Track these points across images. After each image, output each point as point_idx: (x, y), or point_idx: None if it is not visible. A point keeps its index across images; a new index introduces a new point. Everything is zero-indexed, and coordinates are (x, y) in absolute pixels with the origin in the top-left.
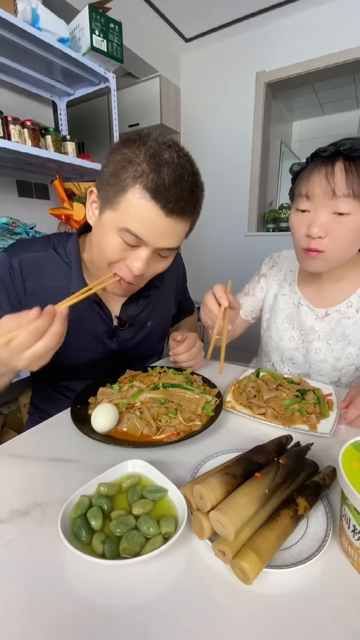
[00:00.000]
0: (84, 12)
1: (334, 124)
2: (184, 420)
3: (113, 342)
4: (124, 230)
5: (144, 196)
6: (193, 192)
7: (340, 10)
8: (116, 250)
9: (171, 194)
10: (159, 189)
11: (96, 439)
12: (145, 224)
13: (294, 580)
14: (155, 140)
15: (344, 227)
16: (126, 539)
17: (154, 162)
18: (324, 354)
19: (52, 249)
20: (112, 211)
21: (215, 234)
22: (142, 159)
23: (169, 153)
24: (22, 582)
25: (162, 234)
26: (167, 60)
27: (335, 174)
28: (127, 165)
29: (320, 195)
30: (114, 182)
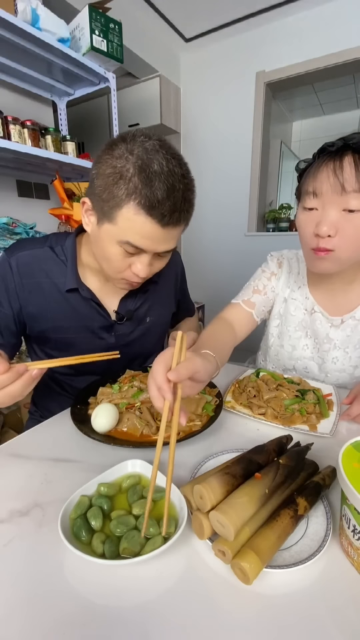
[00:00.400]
0: (84, 12)
1: (334, 124)
2: None
3: (111, 337)
4: (125, 243)
5: (139, 212)
6: (186, 199)
7: (340, 10)
8: (120, 259)
9: (165, 208)
10: (152, 204)
11: (96, 439)
12: (144, 236)
13: (294, 580)
14: (142, 146)
15: (354, 224)
16: (126, 539)
17: (144, 176)
18: (341, 363)
19: (48, 247)
20: (110, 224)
21: (215, 234)
22: (132, 172)
23: (157, 161)
24: (22, 582)
25: (160, 241)
26: (167, 60)
27: (344, 169)
28: (119, 181)
29: (329, 191)
30: (108, 198)
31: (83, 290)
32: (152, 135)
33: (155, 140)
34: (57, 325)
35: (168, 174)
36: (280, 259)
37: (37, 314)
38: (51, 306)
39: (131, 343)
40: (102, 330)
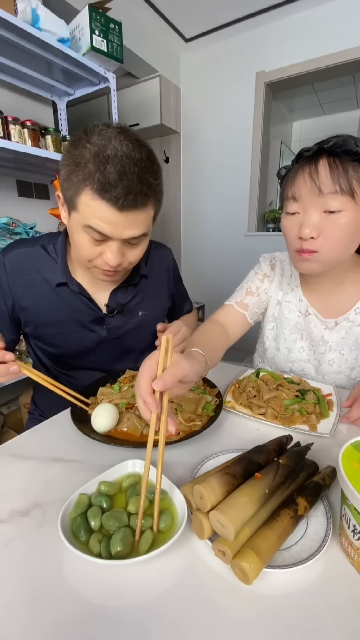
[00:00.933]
0: (84, 12)
1: (334, 124)
2: (184, 420)
3: (102, 329)
4: (88, 228)
5: (95, 196)
6: (142, 181)
7: (340, 10)
8: (88, 246)
9: (119, 191)
10: (105, 187)
11: (96, 439)
12: (103, 221)
13: (294, 580)
14: (99, 134)
15: (336, 225)
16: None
17: (97, 161)
18: (338, 365)
19: (40, 246)
20: (75, 212)
21: (215, 234)
22: (87, 159)
23: (112, 145)
24: (22, 582)
25: (122, 227)
26: (167, 60)
27: (319, 172)
28: (75, 168)
29: (307, 195)
30: (69, 186)
31: (72, 284)
32: (112, 124)
33: (114, 128)
34: (50, 320)
35: (122, 157)
36: (272, 260)
37: (30, 309)
38: (43, 301)
39: (123, 336)
40: (93, 323)
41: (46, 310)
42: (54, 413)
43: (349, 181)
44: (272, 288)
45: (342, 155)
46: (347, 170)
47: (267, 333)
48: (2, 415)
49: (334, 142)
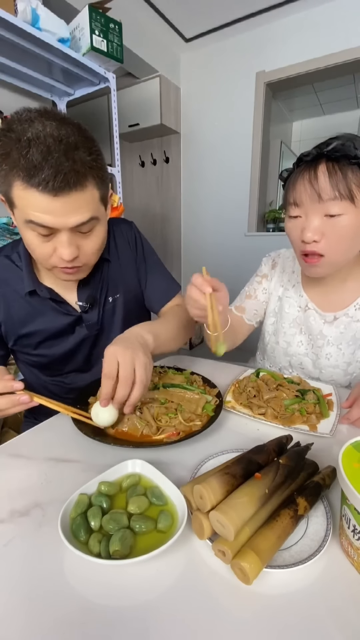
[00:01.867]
0: (84, 12)
1: (334, 124)
2: (184, 420)
3: (82, 328)
4: (29, 223)
5: (24, 185)
6: (72, 158)
7: (340, 10)
8: (38, 244)
9: (45, 173)
10: (30, 173)
11: (96, 439)
12: (42, 211)
13: (294, 580)
14: (19, 120)
15: (338, 228)
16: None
17: (19, 146)
18: (335, 359)
19: (4, 257)
20: (15, 209)
21: (215, 234)
22: (11, 147)
23: (34, 128)
24: (22, 582)
25: (63, 214)
26: (167, 60)
27: (318, 178)
28: (2, 162)
29: (308, 201)
30: (1, 182)
31: (41, 290)
32: (33, 109)
33: (35, 111)
34: (29, 331)
35: (44, 137)
36: (276, 259)
37: (6, 323)
38: (17, 313)
39: (103, 327)
40: (72, 325)
41: (22, 322)
42: (47, 416)
43: (348, 186)
44: (271, 285)
45: (341, 159)
46: (346, 174)
47: (268, 328)
48: None
49: (333, 145)
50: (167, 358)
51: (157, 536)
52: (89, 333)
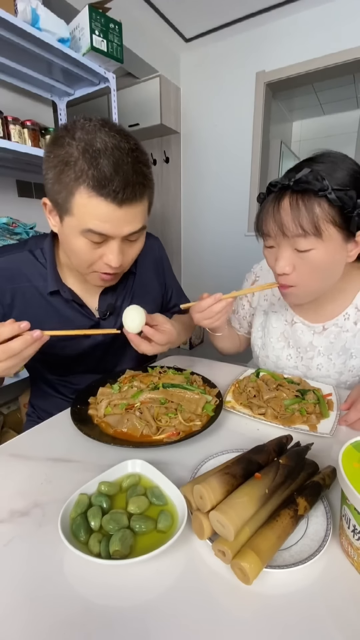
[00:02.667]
0: (84, 12)
1: (334, 124)
2: (184, 420)
3: (98, 335)
4: (87, 231)
5: (91, 194)
6: (137, 172)
7: (340, 10)
8: (87, 251)
9: (116, 184)
10: (102, 183)
11: (96, 439)
12: (103, 220)
13: (294, 580)
14: (83, 129)
15: (308, 262)
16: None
17: (88, 156)
18: (326, 370)
19: (27, 251)
20: (69, 217)
21: (215, 234)
22: (77, 156)
23: (100, 138)
24: (22, 582)
25: (122, 223)
26: (167, 60)
27: (281, 214)
28: (65, 168)
29: (276, 234)
30: (60, 189)
31: (64, 291)
32: (93, 118)
33: (96, 121)
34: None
35: (113, 149)
36: (258, 272)
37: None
38: (35, 310)
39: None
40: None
41: (39, 320)
42: (51, 415)
43: (312, 222)
44: (254, 300)
45: (307, 191)
46: (312, 209)
47: (257, 341)
48: (2, 415)
49: (299, 177)
50: (167, 358)
51: (157, 536)
52: (103, 340)
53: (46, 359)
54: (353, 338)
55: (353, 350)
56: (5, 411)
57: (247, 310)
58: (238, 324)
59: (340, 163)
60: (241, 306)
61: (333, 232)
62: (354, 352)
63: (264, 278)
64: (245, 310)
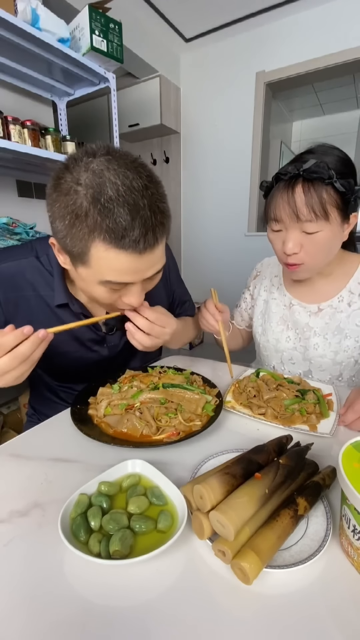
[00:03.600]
0: (84, 12)
1: (334, 124)
2: (184, 420)
3: (104, 349)
4: (106, 283)
5: (109, 248)
6: (155, 212)
7: (340, 10)
8: (108, 296)
9: (135, 234)
10: (119, 235)
11: (96, 439)
12: (123, 271)
13: (294, 580)
14: (87, 170)
15: (315, 242)
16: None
17: (100, 207)
18: (322, 349)
19: (34, 257)
20: (85, 267)
21: (215, 234)
22: (87, 207)
23: (110, 182)
24: (22, 582)
25: (143, 270)
26: (167, 60)
27: (296, 200)
28: (76, 222)
29: (287, 218)
30: (72, 243)
31: (74, 305)
32: (97, 151)
33: (101, 157)
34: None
35: (126, 194)
36: (259, 269)
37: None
38: (39, 321)
39: (124, 350)
40: (94, 343)
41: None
42: (52, 416)
43: (323, 207)
44: (255, 292)
45: (317, 180)
46: (321, 195)
47: (257, 329)
48: (2, 415)
49: (309, 166)
50: (167, 358)
51: (157, 536)
52: (109, 354)
53: (49, 367)
54: (347, 319)
55: (347, 331)
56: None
57: (249, 302)
58: (240, 317)
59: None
60: (243, 299)
61: (336, 215)
62: (348, 332)
63: (264, 272)
64: (247, 303)
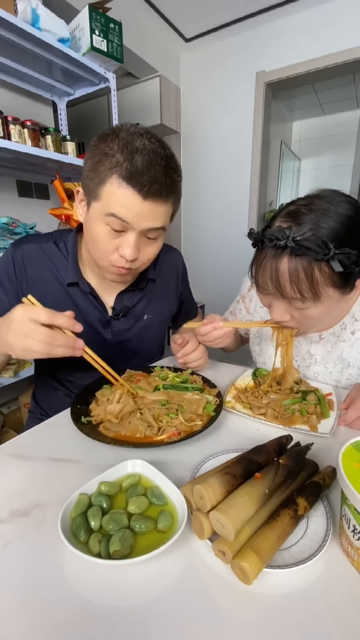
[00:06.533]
0: (84, 12)
1: (334, 124)
2: (184, 420)
3: (107, 332)
4: (109, 216)
5: (121, 184)
6: (167, 174)
7: (340, 10)
8: (105, 238)
9: (145, 179)
10: (132, 175)
11: (96, 439)
12: (126, 208)
13: (294, 580)
14: (127, 131)
15: (305, 316)
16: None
17: (126, 151)
18: (322, 378)
19: (53, 242)
20: (96, 202)
21: (215, 234)
22: (116, 150)
23: (140, 140)
24: (22, 581)
25: (143, 216)
26: (167, 60)
27: (279, 279)
28: (103, 159)
29: (272, 292)
30: (93, 176)
31: (83, 284)
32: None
33: (140, 128)
34: None
35: (150, 151)
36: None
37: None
38: (52, 299)
39: (128, 340)
40: (99, 325)
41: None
42: (55, 411)
43: (312, 288)
44: (252, 306)
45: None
46: (312, 275)
47: (254, 347)
48: (2, 415)
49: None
50: (167, 358)
51: (157, 536)
52: (112, 339)
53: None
54: (350, 348)
55: (350, 360)
56: (5, 411)
57: (244, 316)
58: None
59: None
60: (238, 310)
61: (332, 293)
62: (351, 361)
63: None
64: (242, 315)
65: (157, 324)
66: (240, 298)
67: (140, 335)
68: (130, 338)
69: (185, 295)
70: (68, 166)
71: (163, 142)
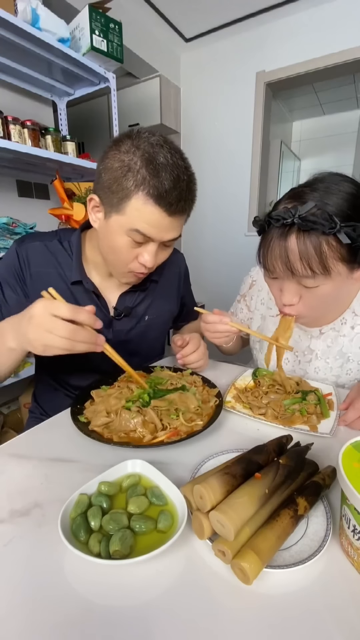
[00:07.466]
0: (84, 12)
1: (334, 124)
2: (184, 420)
3: (109, 332)
4: (134, 231)
5: (148, 202)
6: (190, 190)
7: (340, 10)
8: (127, 249)
9: (172, 197)
10: (161, 194)
11: (96, 439)
12: (152, 225)
13: (294, 580)
14: (147, 141)
15: (315, 296)
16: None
17: (152, 168)
18: (323, 373)
19: (57, 241)
20: (118, 215)
21: (215, 234)
22: (140, 165)
23: (163, 154)
24: (22, 582)
25: (166, 230)
26: (167, 60)
27: (288, 253)
28: (127, 173)
29: (281, 272)
30: (117, 190)
31: (87, 282)
32: (155, 133)
33: (158, 136)
34: None
35: (173, 166)
36: (255, 277)
37: None
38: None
39: (129, 340)
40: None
41: None
42: (55, 411)
43: (322, 263)
44: (252, 304)
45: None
46: (320, 249)
47: (255, 344)
48: (2, 415)
49: (305, 214)
50: (167, 358)
51: (157, 536)
52: (113, 339)
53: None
54: (350, 342)
55: (350, 354)
56: (5, 411)
57: (245, 314)
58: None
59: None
60: (239, 309)
61: (341, 268)
62: (351, 355)
63: (260, 281)
64: (244, 314)
65: (158, 324)
66: (240, 298)
67: (141, 336)
68: (131, 338)
69: (187, 296)
70: (68, 166)
71: (180, 151)
